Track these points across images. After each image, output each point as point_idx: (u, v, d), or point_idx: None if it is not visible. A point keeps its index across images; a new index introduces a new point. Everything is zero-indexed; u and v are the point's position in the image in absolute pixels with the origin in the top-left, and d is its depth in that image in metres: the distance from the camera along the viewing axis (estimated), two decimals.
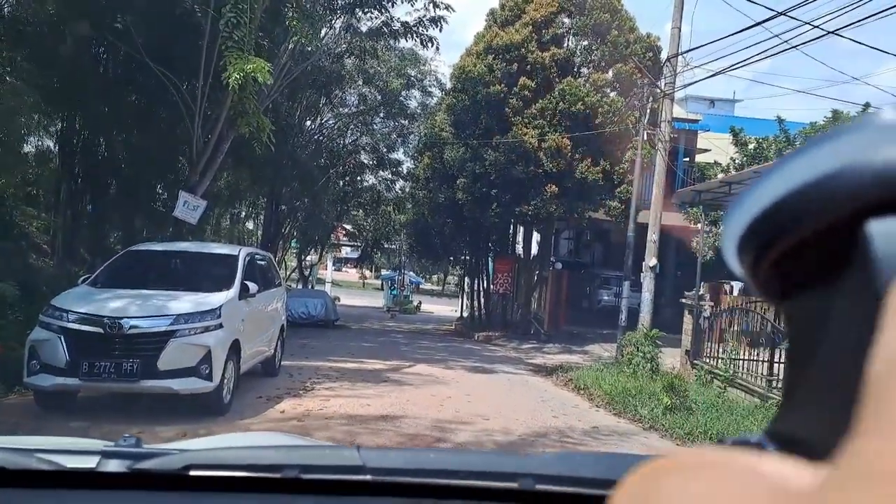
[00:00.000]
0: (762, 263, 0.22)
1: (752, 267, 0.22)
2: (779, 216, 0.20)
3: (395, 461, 0.97)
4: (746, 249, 0.22)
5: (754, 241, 0.21)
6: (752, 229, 0.21)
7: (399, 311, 25.92)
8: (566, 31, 15.11)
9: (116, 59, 11.17)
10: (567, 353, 12.99)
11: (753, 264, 0.22)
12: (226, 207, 19.82)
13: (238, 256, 7.00)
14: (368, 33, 12.92)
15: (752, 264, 0.22)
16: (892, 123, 0.19)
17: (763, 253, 0.21)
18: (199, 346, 5.72)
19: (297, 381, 7.88)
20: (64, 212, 11.04)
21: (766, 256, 0.21)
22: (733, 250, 0.22)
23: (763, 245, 0.21)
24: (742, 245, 0.22)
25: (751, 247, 0.21)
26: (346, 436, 5.35)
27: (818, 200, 0.19)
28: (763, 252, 0.21)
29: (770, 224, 0.21)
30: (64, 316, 5.67)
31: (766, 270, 0.22)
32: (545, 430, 6.21)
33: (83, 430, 4.77)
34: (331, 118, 20.31)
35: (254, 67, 8.06)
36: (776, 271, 0.21)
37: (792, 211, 0.20)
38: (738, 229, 0.22)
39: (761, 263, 0.22)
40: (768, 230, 0.21)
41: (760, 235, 0.21)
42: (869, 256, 0.18)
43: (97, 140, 11.69)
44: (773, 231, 0.21)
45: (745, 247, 0.22)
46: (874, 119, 0.19)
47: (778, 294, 0.22)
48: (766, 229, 0.21)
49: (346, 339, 14.15)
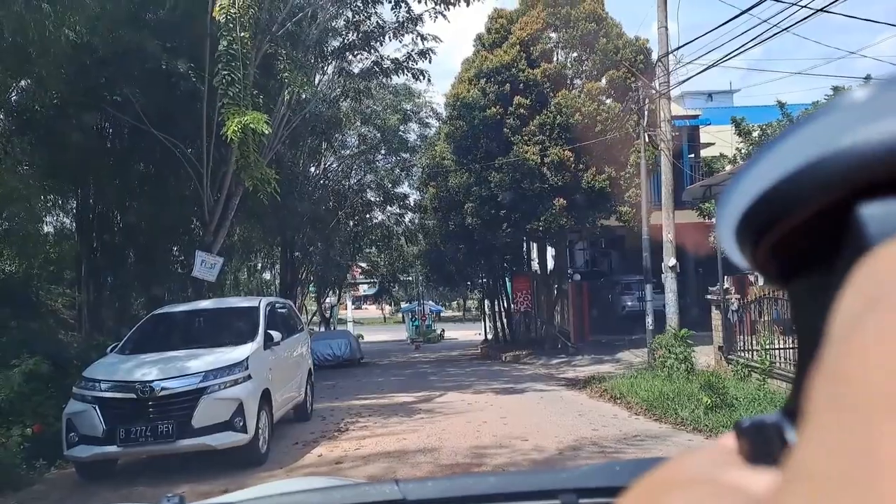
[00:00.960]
0: (760, 248, 0.22)
1: (751, 252, 0.23)
2: (772, 202, 0.21)
3: (434, 491, 0.97)
4: (744, 236, 0.22)
5: (751, 227, 0.22)
6: (747, 216, 0.22)
7: (423, 342, 25.82)
8: (554, 45, 15.32)
9: (121, 132, 11.52)
10: (598, 364, 12.78)
11: (752, 249, 0.22)
12: (242, 260, 20.11)
13: (259, 307, 7.07)
14: (361, 74, 13.22)
15: (750, 250, 0.23)
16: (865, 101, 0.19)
17: (760, 238, 0.22)
18: (230, 400, 5.75)
19: (331, 423, 7.85)
20: (87, 285, 11.29)
21: (763, 241, 0.22)
22: (730, 238, 0.23)
23: (759, 231, 0.22)
24: (738, 233, 0.22)
25: (748, 233, 0.22)
26: (386, 472, 5.30)
27: (810, 185, 0.19)
28: (760, 237, 0.22)
29: (764, 211, 0.21)
30: (96, 386, 5.77)
31: (766, 254, 0.22)
32: (585, 444, 6.09)
33: (126, 496, 4.79)
34: (334, 161, 20.65)
35: (251, 119, 8.27)
36: (775, 255, 0.22)
37: (785, 196, 0.20)
38: (733, 217, 0.22)
39: (759, 248, 0.22)
40: (763, 217, 0.21)
41: (756, 222, 0.22)
42: (862, 237, 0.19)
43: (111, 212, 12.01)
44: (767, 217, 0.21)
45: (743, 233, 0.22)
46: (847, 98, 0.19)
47: (780, 276, 0.23)
48: (760, 216, 0.21)
49: (373, 375, 14.10)
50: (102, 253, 11.83)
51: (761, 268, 0.23)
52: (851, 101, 0.19)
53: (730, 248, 0.24)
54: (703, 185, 11.65)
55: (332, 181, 20.67)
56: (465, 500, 0.94)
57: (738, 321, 9.81)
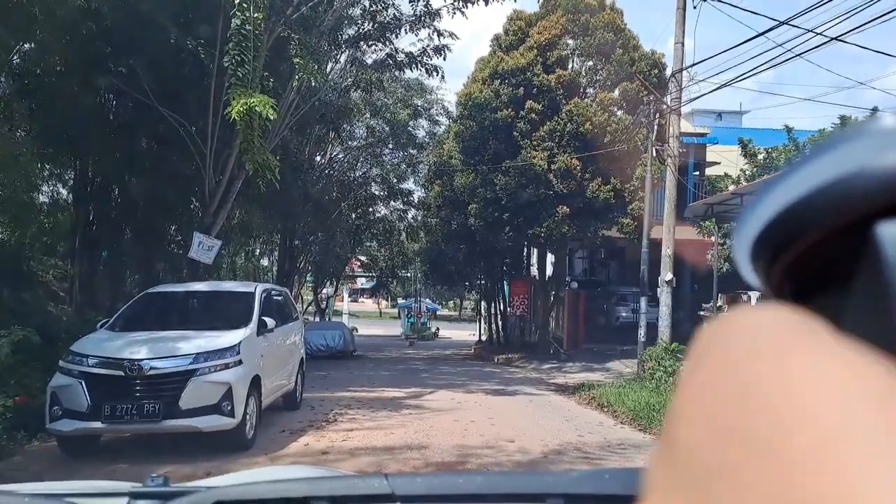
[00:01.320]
0: (775, 269, 0.22)
1: (765, 272, 0.22)
2: (790, 222, 0.21)
3: (423, 487, 0.96)
4: (759, 256, 0.22)
5: (766, 247, 0.22)
6: (763, 236, 0.21)
7: (417, 339, 25.82)
8: (571, 52, 15.30)
9: (125, 105, 11.34)
10: (588, 372, 12.79)
11: (767, 270, 0.22)
12: (240, 245, 20.07)
13: (254, 293, 7.04)
14: (374, 65, 13.17)
15: (765, 270, 0.22)
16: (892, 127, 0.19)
17: (776, 258, 0.22)
18: (219, 384, 5.73)
19: (319, 413, 7.84)
20: (80, 259, 11.16)
21: (778, 262, 0.22)
22: (746, 257, 0.23)
23: (775, 251, 0.21)
24: (754, 251, 0.22)
25: (763, 253, 0.22)
26: (371, 466, 5.29)
27: (828, 205, 0.19)
28: (775, 257, 0.22)
29: (781, 230, 0.21)
30: (84, 361, 5.72)
31: (780, 275, 0.22)
32: (570, 449, 6.09)
33: (108, 473, 4.77)
34: (340, 152, 20.61)
35: (257, 101, 8.20)
36: (789, 276, 0.22)
37: (803, 216, 0.20)
38: (749, 236, 0.22)
39: (774, 269, 0.22)
40: (780, 236, 0.21)
41: (772, 241, 0.21)
42: (879, 259, 0.19)
43: (110, 186, 11.86)
44: (784, 237, 0.21)
45: (758, 253, 0.22)
46: (877, 124, 0.20)
47: (792, 298, 0.23)
48: (777, 235, 0.21)
49: (365, 369, 14.09)
50: (98, 227, 11.70)
51: (774, 288, 0.23)
52: (880, 126, 0.20)
53: (745, 267, 0.23)
54: (706, 204, 11.66)
55: (337, 172, 20.64)
56: (454, 498, 0.93)
57: None
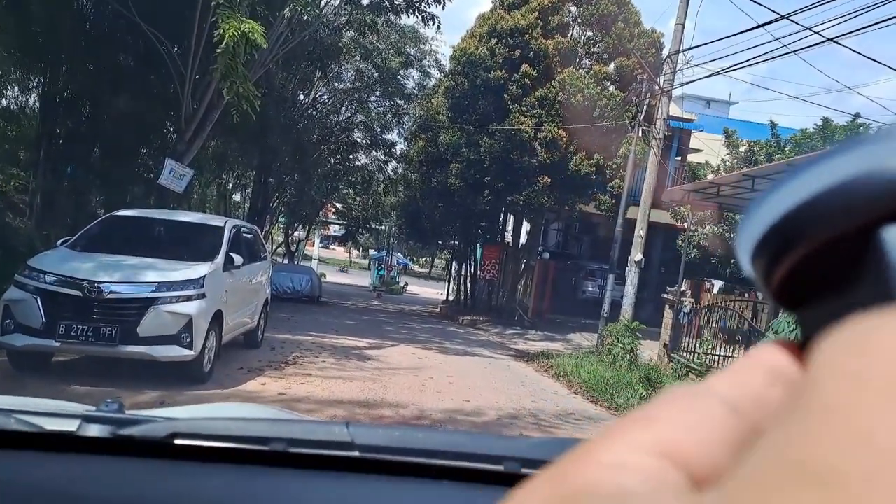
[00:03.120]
0: (776, 270, 0.21)
1: (766, 273, 0.22)
2: (794, 223, 0.20)
3: (383, 439, 0.96)
4: (761, 256, 0.21)
5: (769, 247, 0.21)
6: (767, 236, 0.21)
7: (385, 292, 25.92)
8: (572, 19, 14.98)
9: (104, 16, 10.74)
10: (549, 341, 13.11)
11: (767, 271, 0.22)
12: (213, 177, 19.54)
13: (224, 228, 6.91)
14: (370, 7, 12.67)
15: (766, 270, 0.22)
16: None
17: (777, 260, 0.21)
18: (180, 315, 5.66)
19: (279, 354, 7.86)
20: (43, 172, 10.72)
21: (780, 263, 0.21)
22: (747, 255, 0.22)
23: (777, 252, 0.21)
24: (757, 252, 0.22)
25: (765, 253, 0.21)
26: (324, 410, 5.36)
27: (834, 208, 0.19)
28: (777, 259, 0.21)
29: (785, 231, 0.21)
30: (41, 277, 5.57)
31: (780, 278, 0.21)
32: (524, 414, 6.29)
33: (59, 393, 4.71)
34: (325, 93, 20.00)
35: (250, 27, 7.91)
36: (791, 278, 0.21)
37: (807, 218, 0.20)
38: (753, 236, 0.21)
39: (775, 270, 0.21)
40: (783, 237, 0.21)
41: (775, 242, 0.21)
42: (884, 264, 0.18)
43: (82, 99, 11.33)
44: (787, 238, 0.21)
45: (760, 253, 0.21)
46: (890, 129, 0.19)
47: (792, 301, 0.22)
48: (781, 237, 0.21)
49: (330, 315, 14.12)
50: (65, 140, 11.20)
51: (775, 290, 0.22)
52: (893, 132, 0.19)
53: (745, 265, 0.23)
54: (684, 190, 11.80)
55: (321, 113, 20.09)
56: (412, 452, 0.94)
57: (687, 323, 10.16)
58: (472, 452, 0.96)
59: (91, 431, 0.91)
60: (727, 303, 10.12)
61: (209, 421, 1.01)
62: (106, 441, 0.91)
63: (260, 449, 0.91)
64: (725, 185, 10.30)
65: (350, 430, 0.94)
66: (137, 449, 0.92)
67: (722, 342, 9.22)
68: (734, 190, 10.03)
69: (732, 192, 10.15)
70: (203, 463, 0.92)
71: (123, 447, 0.92)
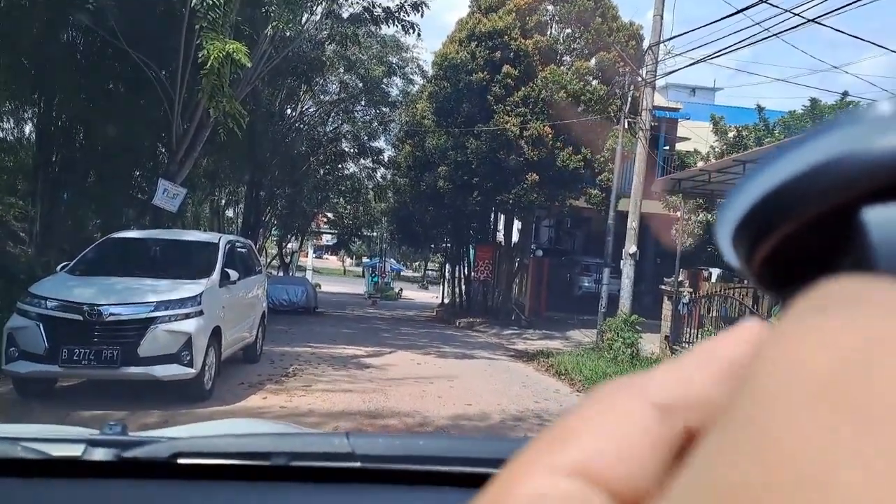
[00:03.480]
0: (758, 252, 0.22)
1: (747, 256, 0.22)
2: (774, 205, 0.20)
3: (384, 448, 0.98)
4: (742, 239, 0.22)
5: (750, 230, 0.21)
6: (747, 218, 0.21)
7: (380, 298, 25.88)
8: (550, 18, 15.06)
9: (93, 44, 10.88)
10: (548, 339, 13.12)
11: (749, 254, 0.22)
12: (206, 195, 19.51)
13: (218, 244, 6.93)
14: (350, 19, 12.72)
15: (747, 254, 0.22)
16: (889, 114, 0.19)
17: (759, 242, 0.21)
18: (179, 333, 5.68)
19: (279, 367, 7.85)
20: (42, 199, 10.80)
21: (761, 245, 0.21)
22: (728, 240, 0.22)
23: (758, 234, 0.21)
24: (737, 234, 0.22)
25: (746, 236, 0.22)
26: (328, 421, 5.37)
27: (814, 188, 0.19)
28: (758, 241, 0.21)
29: (765, 213, 0.21)
30: (42, 303, 5.60)
31: (763, 259, 0.22)
32: (528, 416, 6.30)
33: (64, 418, 4.71)
34: (311, 106, 20.02)
35: (234, 48, 7.97)
36: (772, 260, 0.22)
37: (787, 199, 0.20)
38: (733, 219, 0.22)
39: (757, 252, 0.22)
40: (763, 219, 0.21)
41: (755, 224, 0.21)
42: (865, 243, 0.18)
43: (75, 127, 11.41)
44: (767, 220, 0.21)
45: (741, 236, 0.22)
46: (871, 110, 0.19)
47: (774, 283, 0.23)
48: (760, 218, 0.21)
49: (327, 325, 14.10)
50: (61, 168, 11.30)
51: (756, 273, 0.22)
52: (875, 112, 0.19)
53: (727, 249, 0.23)
54: (674, 179, 11.85)
55: (308, 126, 20.09)
56: (414, 459, 0.95)
57: (687, 314, 10.19)
58: (475, 457, 0.96)
59: (96, 455, 0.93)
60: (726, 291, 10.15)
61: (211, 438, 1.03)
62: (111, 464, 0.93)
63: (262, 464, 0.93)
64: (715, 171, 10.36)
65: (350, 441, 0.96)
66: (142, 470, 0.94)
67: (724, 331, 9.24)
68: (725, 176, 10.08)
69: (723, 179, 10.20)
70: (207, 481, 0.94)
71: (128, 469, 0.94)
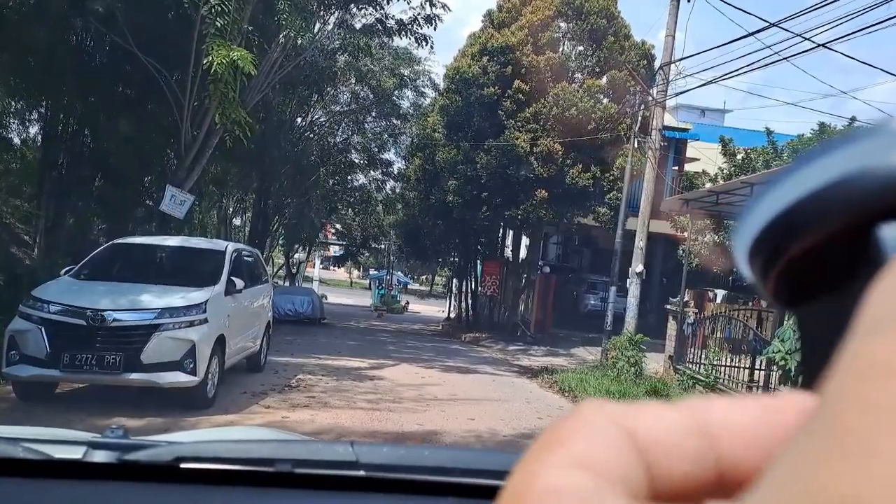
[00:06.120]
0: (773, 269, 0.21)
1: (762, 273, 0.22)
2: (790, 221, 0.20)
3: (388, 457, 0.96)
4: (757, 255, 0.22)
5: (765, 246, 0.21)
6: (762, 234, 0.21)
7: (386, 311, 25.85)
8: (562, 35, 15.19)
9: (103, 49, 10.95)
10: (552, 356, 13.03)
11: (764, 270, 0.22)
12: (213, 202, 19.64)
13: (225, 252, 6.93)
14: (362, 30, 12.87)
15: (762, 270, 0.22)
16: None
17: (774, 258, 0.21)
18: (183, 341, 5.66)
19: (283, 377, 7.82)
20: (47, 203, 10.84)
21: (776, 262, 0.21)
22: (744, 256, 0.22)
23: (774, 250, 0.21)
24: (753, 250, 0.22)
25: (762, 252, 0.21)
26: (330, 431, 5.33)
27: (830, 205, 0.19)
28: (774, 258, 0.21)
29: (781, 229, 0.20)
30: (45, 307, 5.59)
31: (777, 276, 0.22)
32: (530, 431, 6.23)
33: (64, 422, 4.69)
34: (322, 116, 20.20)
35: (239, 55, 8.01)
36: (788, 277, 0.21)
37: (803, 216, 0.20)
38: (749, 235, 0.21)
39: (772, 269, 0.21)
40: (779, 235, 0.21)
41: (771, 241, 0.21)
42: (879, 261, 0.18)
43: (82, 130, 11.48)
44: (783, 236, 0.20)
45: (756, 252, 0.22)
46: (886, 125, 0.19)
47: (789, 300, 0.22)
48: (776, 234, 0.21)
49: (332, 336, 14.08)
50: (68, 171, 11.34)
51: (772, 289, 0.22)
52: (890, 128, 0.19)
53: (742, 266, 0.23)
54: (682, 199, 11.84)
55: (318, 136, 20.25)
56: (418, 469, 0.94)
57: (691, 334, 10.10)
58: (478, 468, 0.96)
59: (97, 457, 0.92)
60: (731, 312, 10.08)
61: (213, 444, 1.02)
62: (112, 466, 0.92)
63: (266, 470, 0.92)
64: (724, 192, 10.34)
65: (355, 449, 0.94)
66: (143, 474, 0.92)
67: (727, 352, 9.16)
68: (733, 198, 10.06)
69: (731, 201, 10.18)
70: (209, 486, 0.92)
71: (129, 472, 0.92)
